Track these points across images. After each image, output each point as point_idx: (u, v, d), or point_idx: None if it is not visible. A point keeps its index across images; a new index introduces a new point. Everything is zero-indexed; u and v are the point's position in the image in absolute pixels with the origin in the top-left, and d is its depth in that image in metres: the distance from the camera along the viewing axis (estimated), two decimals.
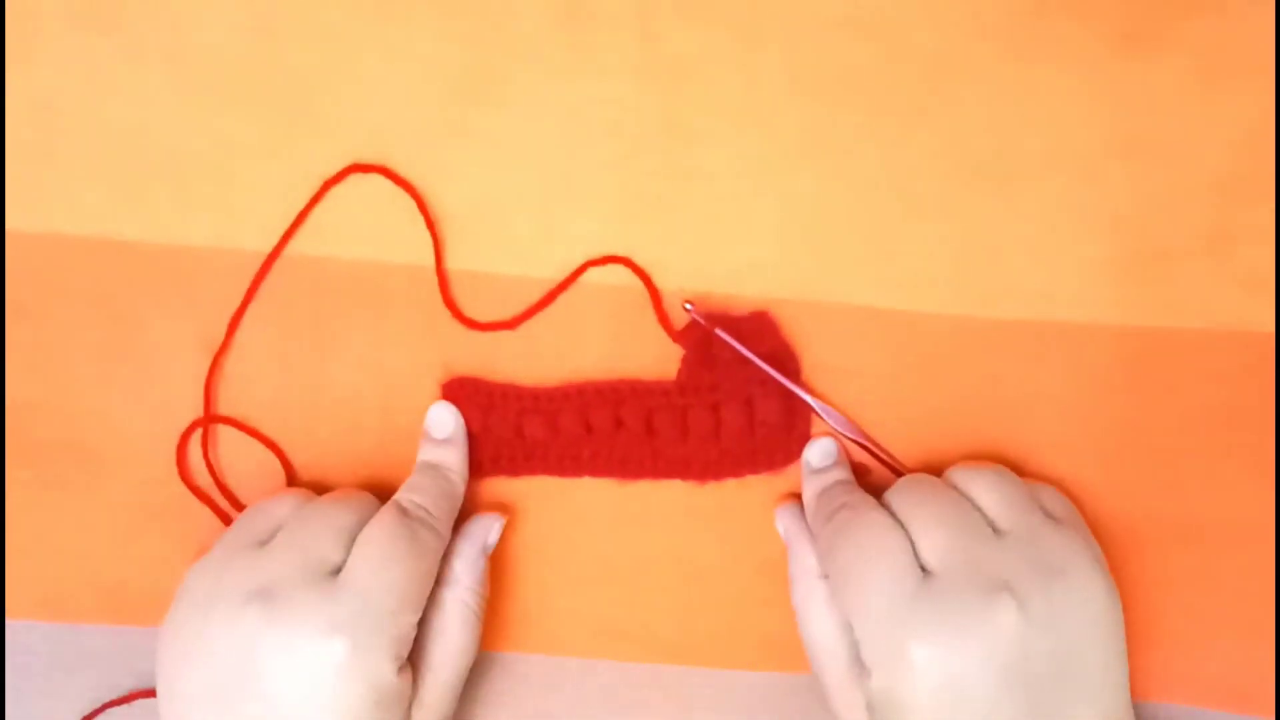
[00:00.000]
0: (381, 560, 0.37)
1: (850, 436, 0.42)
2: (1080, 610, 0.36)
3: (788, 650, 0.42)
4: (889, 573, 0.36)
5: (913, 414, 0.42)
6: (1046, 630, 0.35)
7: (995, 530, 0.37)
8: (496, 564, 0.42)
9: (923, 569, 0.36)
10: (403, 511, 0.39)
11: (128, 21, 0.41)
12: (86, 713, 0.42)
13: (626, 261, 0.42)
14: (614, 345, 0.42)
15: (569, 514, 0.42)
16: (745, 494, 0.42)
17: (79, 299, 0.42)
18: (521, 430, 0.42)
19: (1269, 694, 0.41)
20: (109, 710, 0.42)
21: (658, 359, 0.42)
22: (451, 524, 0.40)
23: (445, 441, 0.42)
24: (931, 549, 0.36)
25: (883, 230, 0.42)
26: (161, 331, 0.42)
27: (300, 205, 0.42)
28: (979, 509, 0.38)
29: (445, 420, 0.42)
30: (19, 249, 0.42)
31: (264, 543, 0.38)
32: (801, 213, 0.42)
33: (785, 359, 0.42)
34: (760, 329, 0.42)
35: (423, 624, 0.38)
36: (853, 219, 0.42)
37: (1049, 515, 0.38)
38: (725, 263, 0.42)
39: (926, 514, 0.37)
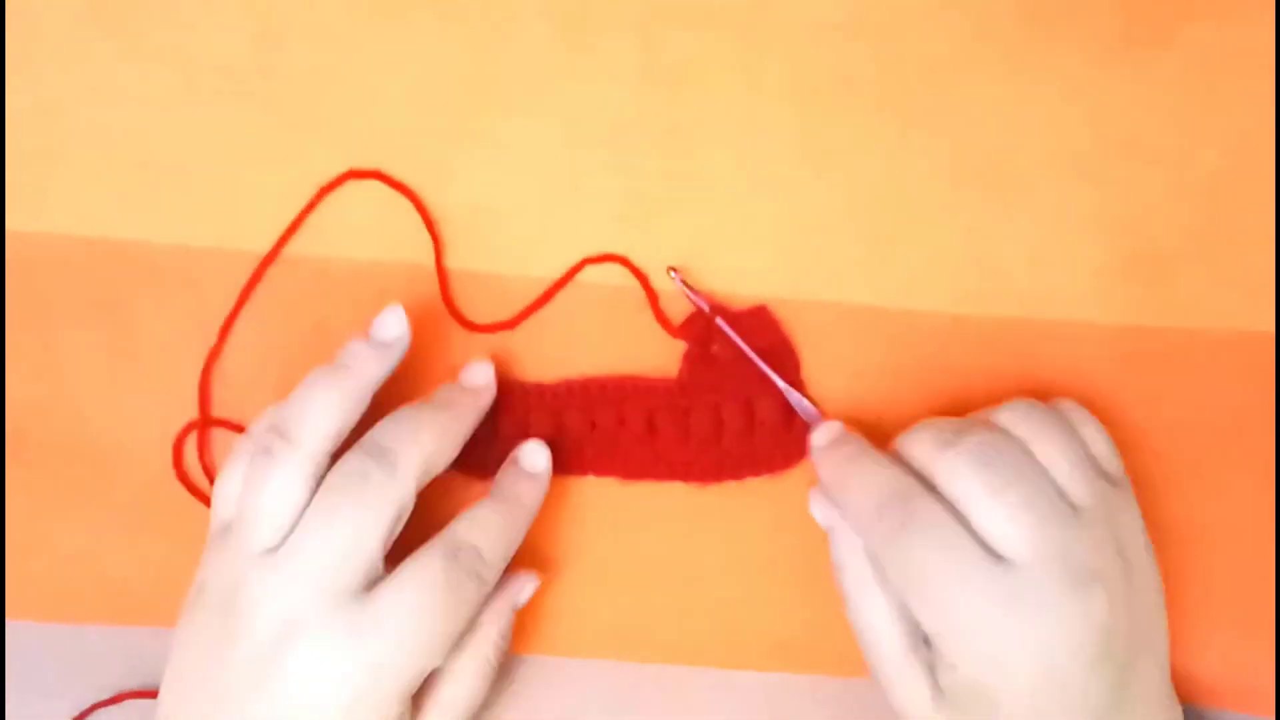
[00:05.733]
0: (415, 612, 0.35)
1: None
2: (1149, 587, 0.37)
3: (788, 651, 0.42)
4: (966, 567, 0.35)
5: (912, 413, 0.42)
6: (1128, 610, 0.36)
7: (1069, 503, 0.36)
8: None
9: (995, 552, 0.35)
10: (452, 557, 0.36)
11: (129, 23, 0.41)
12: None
13: (624, 261, 0.42)
14: (614, 346, 0.42)
15: (570, 515, 0.42)
16: (746, 497, 0.42)
17: (79, 299, 0.42)
18: (528, 428, 0.42)
19: (1269, 694, 0.41)
20: (99, 712, 0.42)
21: (658, 360, 0.42)
22: (505, 567, 0.38)
23: (535, 476, 0.40)
24: (1014, 536, 0.35)
25: (882, 231, 0.42)
26: (162, 332, 0.42)
27: (302, 207, 0.42)
28: (1049, 475, 0.36)
29: (538, 454, 0.40)
30: (19, 249, 0.42)
31: (275, 549, 0.35)
32: (801, 215, 0.42)
33: (784, 354, 0.42)
34: (759, 324, 0.42)
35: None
36: (852, 221, 0.42)
37: (1103, 472, 0.38)
38: (725, 265, 0.42)
39: (1008, 498, 0.35)
